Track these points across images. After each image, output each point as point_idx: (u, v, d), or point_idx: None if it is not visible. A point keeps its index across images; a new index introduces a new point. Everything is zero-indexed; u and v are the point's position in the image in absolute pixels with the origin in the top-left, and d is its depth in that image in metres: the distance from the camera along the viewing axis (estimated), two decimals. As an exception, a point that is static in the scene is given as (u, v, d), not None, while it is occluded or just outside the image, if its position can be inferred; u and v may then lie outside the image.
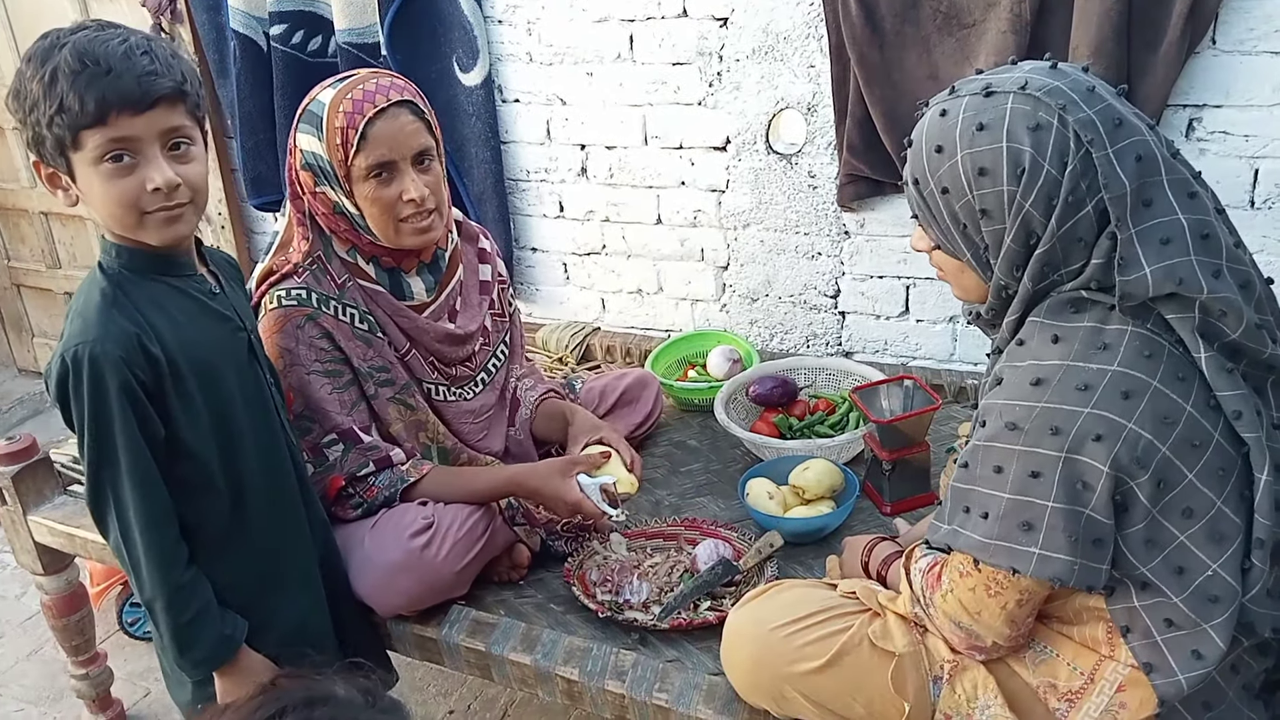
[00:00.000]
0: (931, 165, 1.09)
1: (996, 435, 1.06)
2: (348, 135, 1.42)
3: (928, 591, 1.18)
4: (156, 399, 1.19)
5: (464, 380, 1.69)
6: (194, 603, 1.25)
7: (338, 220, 1.51)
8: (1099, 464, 0.99)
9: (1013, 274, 1.09)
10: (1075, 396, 1.01)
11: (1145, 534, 1.03)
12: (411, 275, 1.59)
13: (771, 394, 2.01)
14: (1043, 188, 1.02)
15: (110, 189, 1.12)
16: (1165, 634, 1.05)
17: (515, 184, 2.57)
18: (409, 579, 1.45)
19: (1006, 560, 1.05)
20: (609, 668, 1.39)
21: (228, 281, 1.35)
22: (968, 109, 1.06)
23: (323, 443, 1.49)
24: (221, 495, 1.28)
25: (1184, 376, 1.02)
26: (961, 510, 1.11)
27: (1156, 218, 1.02)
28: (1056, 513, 1.01)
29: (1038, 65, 1.08)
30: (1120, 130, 1.02)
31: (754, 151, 2.26)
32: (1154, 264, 1.01)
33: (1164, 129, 1.89)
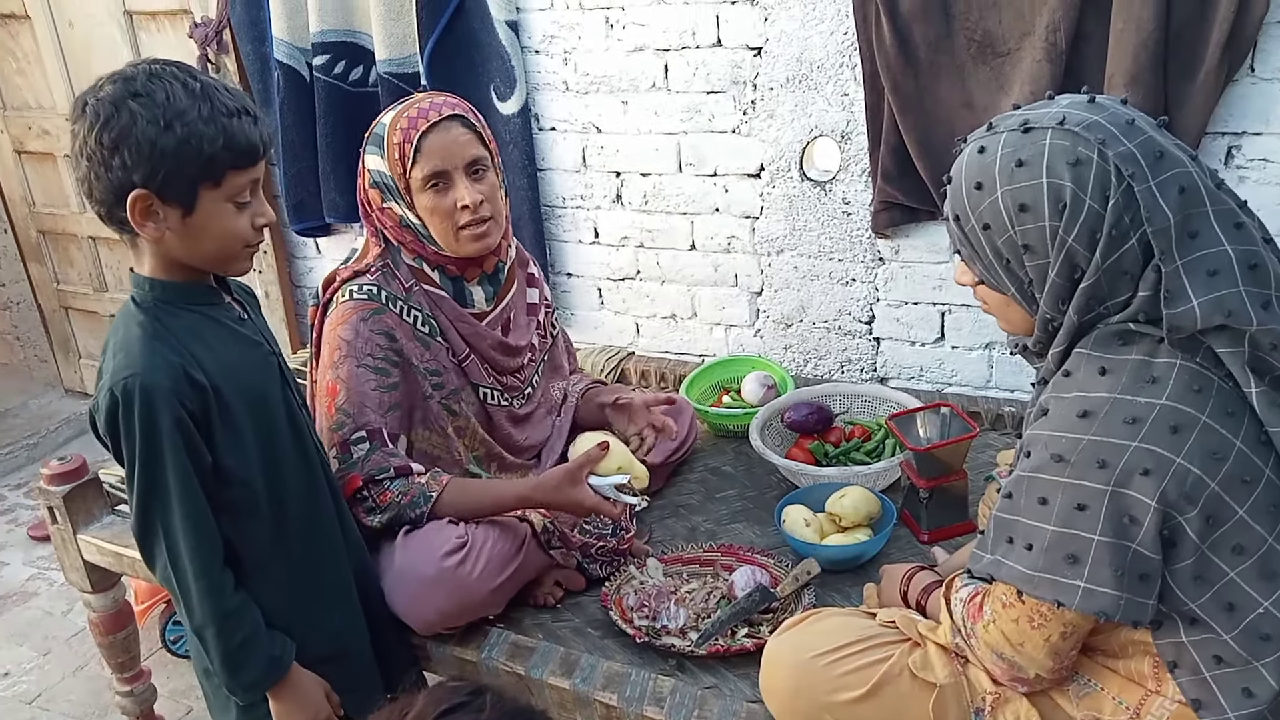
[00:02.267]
0: (972, 202, 1.09)
1: (1042, 466, 1.05)
2: (404, 150, 1.53)
3: (969, 622, 1.18)
4: (203, 427, 1.22)
5: (514, 390, 1.76)
6: (243, 627, 1.27)
7: (404, 232, 1.61)
8: (1146, 498, 0.99)
9: (1058, 307, 1.09)
10: (1123, 430, 1.01)
11: (1194, 570, 1.02)
12: (473, 285, 1.68)
13: (807, 420, 2.02)
14: (1085, 222, 1.02)
15: (233, 225, 1.21)
16: (1215, 671, 1.04)
17: (551, 210, 2.61)
18: (442, 595, 1.47)
19: (1051, 593, 1.05)
20: (647, 693, 1.39)
21: (251, 308, 1.39)
22: (1006, 145, 1.06)
23: (352, 439, 1.52)
24: (265, 518, 1.31)
25: (1234, 411, 1.01)
26: (1005, 540, 1.10)
27: (1203, 249, 1.01)
28: (1103, 546, 1.01)
29: (1075, 99, 1.08)
30: (1162, 162, 1.02)
31: (788, 178, 2.27)
32: (1202, 296, 1.00)
33: (1203, 157, 1.88)
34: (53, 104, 3.20)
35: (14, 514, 3.07)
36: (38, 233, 3.50)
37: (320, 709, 1.36)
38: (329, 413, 1.54)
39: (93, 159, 1.15)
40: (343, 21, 2.55)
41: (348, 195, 2.69)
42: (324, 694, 1.37)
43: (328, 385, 1.55)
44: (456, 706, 0.71)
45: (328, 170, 2.67)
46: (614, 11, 2.31)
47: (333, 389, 1.54)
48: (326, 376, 1.55)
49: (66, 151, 3.22)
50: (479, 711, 0.71)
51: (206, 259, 1.24)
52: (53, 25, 3.05)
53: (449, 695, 0.72)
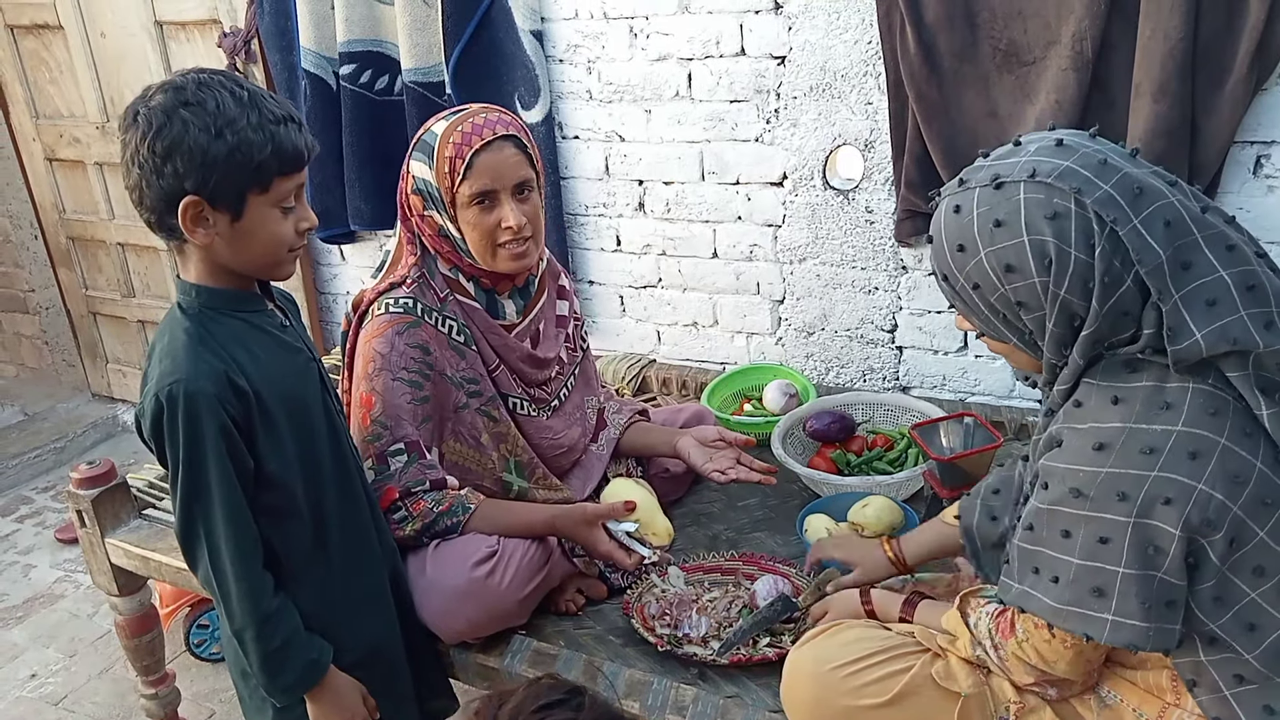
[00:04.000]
0: (957, 264, 1.09)
1: (1061, 500, 1.04)
2: (455, 164, 1.53)
3: (997, 636, 1.17)
4: (246, 433, 1.24)
5: (542, 402, 1.76)
6: (282, 630, 1.29)
7: (442, 242, 1.61)
8: (1170, 527, 0.98)
9: (1061, 353, 1.08)
10: (1140, 460, 0.99)
11: (1215, 591, 1.01)
12: (504, 298, 1.69)
13: (829, 429, 2.01)
14: (1075, 274, 1.01)
15: (279, 230, 1.23)
16: (1235, 689, 1.03)
17: (574, 218, 2.62)
18: (472, 605, 1.48)
19: (1080, 626, 1.04)
20: (669, 702, 1.39)
21: (292, 314, 1.41)
22: (981, 203, 1.05)
23: (389, 450, 1.53)
24: (304, 522, 1.32)
25: (1250, 432, 1.00)
26: (1031, 571, 1.09)
27: (1199, 279, 1.00)
28: (1128, 579, 1.00)
29: (1043, 144, 1.05)
30: (1142, 198, 1.00)
31: (811, 187, 2.27)
32: (1204, 328, 0.99)
33: (1230, 166, 1.88)
34: (84, 112, 3.25)
35: (41, 517, 3.11)
36: (67, 239, 3.55)
37: (356, 712, 1.37)
38: (364, 424, 1.54)
39: (144, 167, 1.16)
40: (369, 31, 2.57)
41: (372, 203, 2.71)
42: (361, 697, 1.39)
43: (362, 397, 1.55)
44: (555, 703, 0.72)
45: (353, 178, 2.70)
46: (638, 21, 2.32)
47: (368, 401, 1.55)
48: (361, 389, 1.56)
49: (97, 159, 3.28)
50: (577, 710, 0.72)
51: (253, 264, 1.26)
52: (85, 36, 3.10)
53: (548, 692, 0.74)
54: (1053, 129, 1.10)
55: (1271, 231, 1.89)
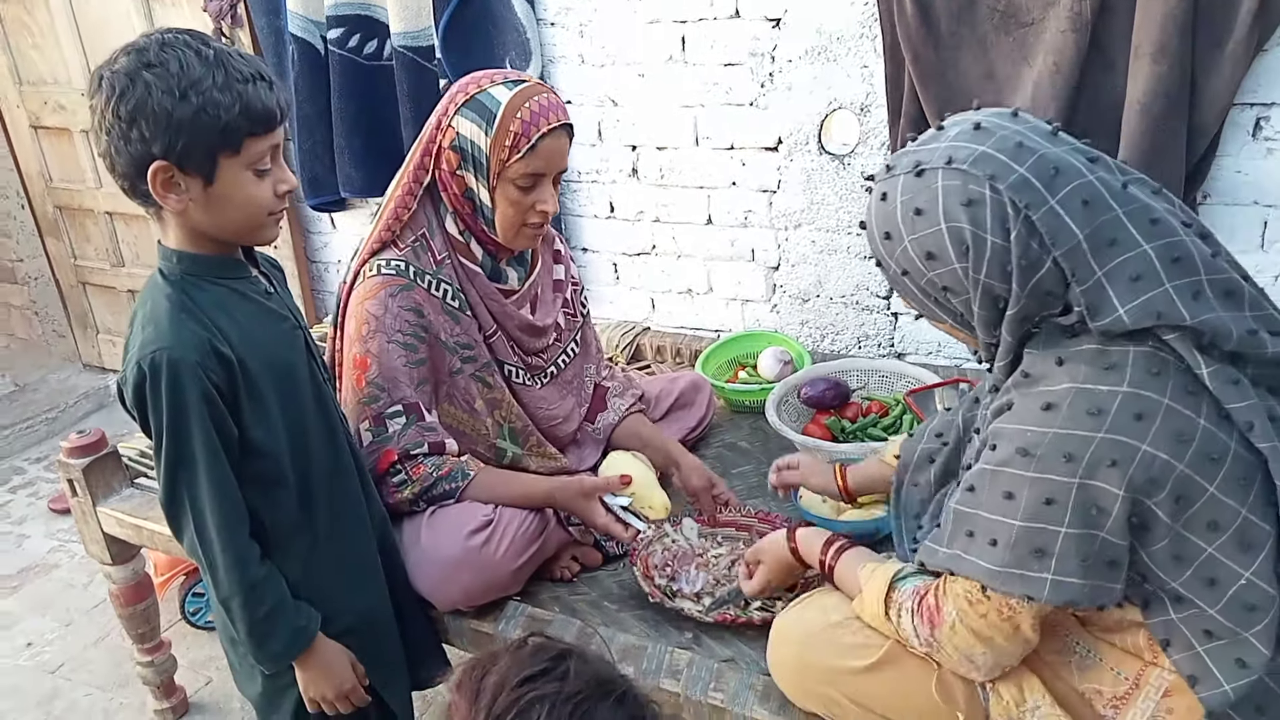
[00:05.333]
0: (886, 250, 1.11)
1: (1008, 461, 1.04)
2: (520, 141, 1.49)
3: (924, 630, 1.15)
4: (230, 400, 1.22)
5: (538, 370, 1.75)
6: (269, 598, 1.28)
7: (465, 203, 1.58)
8: (1114, 488, 0.98)
9: (991, 333, 1.10)
10: (1088, 421, 1.00)
11: (1171, 550, 1.02)
12: (505, 265, 1.67)
13: (824, 396, 2.01)
14: (992, 259, 1.02)
15: (255, 193, 1.20)
16: (1206, 645, 1.04)
17: (567, 184, 2.59)
18: (467, 574, 1.48)
19: (1020, 588, 1.04)
20: (664, 666, 1.40)
21: (277, 281, 1.38)
22: (904, 192, 1.06)
23: (387, 412, 1.52)
24: (290, 490, 1.31)
25: (1194, 391, 1.00)
26: (964, 534, 1.09)
27: (1122, 254, 1.00)
28: (1070, 538, 1.01)
29: (962, 129, 1.06)
30: (1058, 179, 1.01)
31: (806, 152, 2.25)
32: (1128, 303, 0.99)
33: (1230, 128, 1.86)
34: (68, 79, 3.20)
35: (34, 487, 3.10)
36: (55, 208, 3.51)
37: (345, 679, 1.37)
38: (358, 385, 1.53)
39: (112, 132, 1.14)
40: (357, -7, 2.53)
41: (363, 169, 2.68)
42: (349, 664, 1.39)
43: (355, 358, 1.53)
44: (539, 674, 0.70)
45: (342, 144, 2.66)
46: (630, -18, 2.28)
47: (362, 362, 1.53)
48: (354, 350, 1.54)
49: (83, 127, 3.23)
50: (561, 679, 0.69)
51: (231, 229, 1.23)
52: None
53: (531, 660, 0.71)
54: (977, 109, 1.11)
55: (1270, 193, 1.88)
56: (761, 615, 1.47)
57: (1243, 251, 1.92)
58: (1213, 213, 1.94)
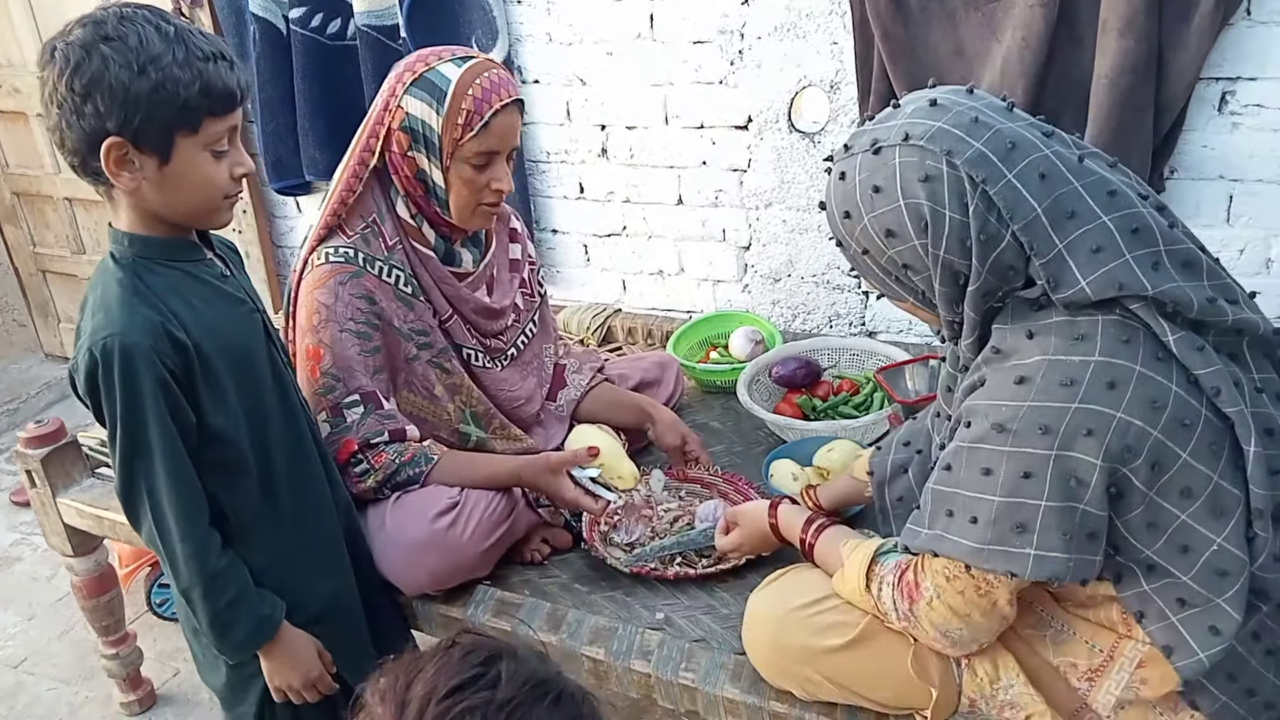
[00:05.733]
0: (846, 230, 1.11)
1: (984, 437, 1.04)
2: (472, 119, 1.46)
3: (903, 604, 1.15)
4: (186, 387, 1.19)
5: (498, 352, 1.72)
6: (230, 587, 1.25)
7: (417, 185, 1.54)
8: (1091, 458, 0.98)
9: (954, 310, 1.10)
10: (1061, 392, 1.00)
11: (1145, 518, 1.02)
12: (459, 246, 1.64)
13: (794, 375, 2.00)
14: (951, 234, 1.02)
15: (212, 174, 1.17)
16: (1180, 614, 1.05)
17: (535, 165, 2.56)
18: (434, 557, 1.46)
19: (1003, 564, 1.04)
20: (634, 647, 1.39)
21: (233, 264, 1.35)
22: (862, 170, 1.06)
23: (344, 402, 1.49)
24: (251, 476, 1.28)
25: (1162, 357, 1.01)
26: (944, 514, 1.09)
27: (1082, 226, 1.01)
28: (1050, 511, 1.00)
29: (918, 105, 1.06)
30: (1015, 153, 1.01)
31: (776, 130, 2.23)
32: (1089, 275, 1.00)
33: (1196, 103, 1.86)
34: (23, 60, 3.12)
35: (-4, 480, 3.04)
36: (12, 195, 3.43)
37: (312, 667, 1.35)
38: (313, 377, 1.50)
39: (64, 106, 1.10)
40: (318, -29, 2.47)
41: (327, 152, 2.63)
42: (316, 652, 1.36)
43: (308, 349, 1.50)
44: (469, 681, 0.65)
45: (306, 126, 2.61)
46: (597, -41, 2.25)
47: (315, 353, 1.50)
48: (306, 340, 1.51)
49: (39, 110, 3.15)
50: (493, 686, 0.65)
51: (185, 211, 1.20)
52: (20, -22, 2.97)
53: (460, 666, 0.66)
54: (932, 86, 1.11)
55: (1235, 168, 1.89)
56: (676, 572, 1.51)
57: (1208, 226, 1.94)
58: (1179, 187, 1.95)
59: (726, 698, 1.31)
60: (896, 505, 1.41)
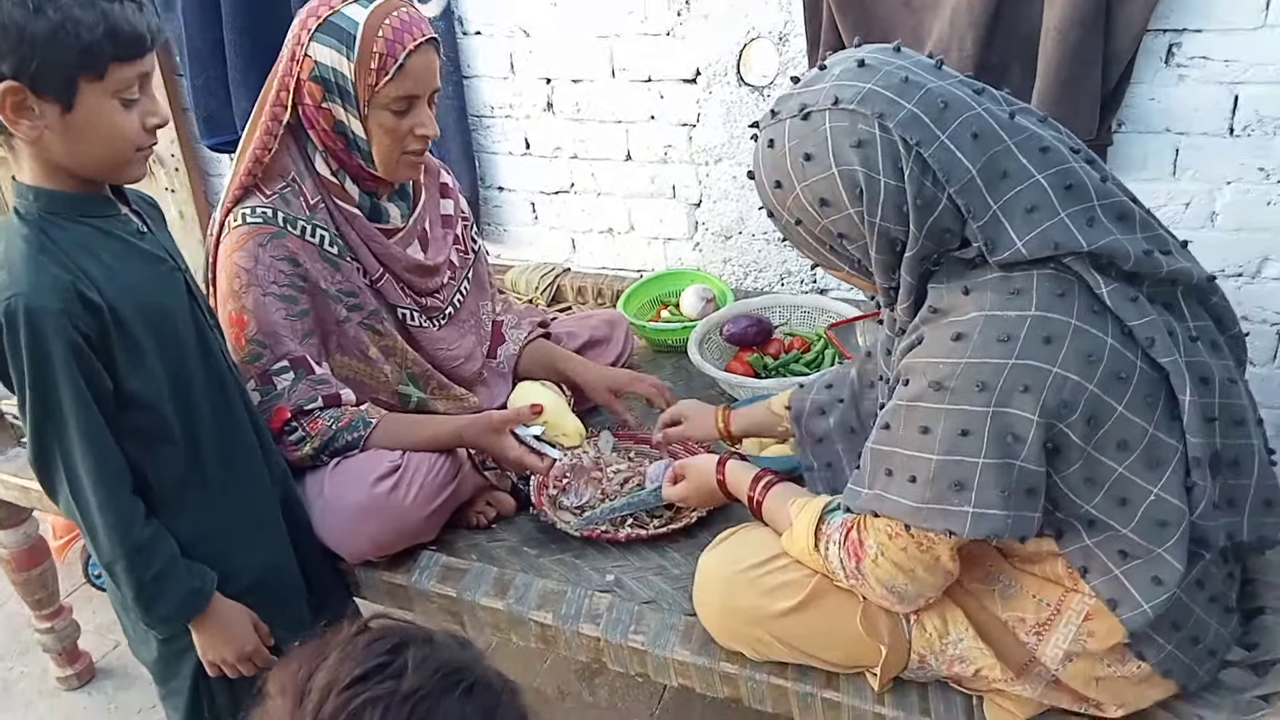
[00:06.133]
0: (778, 199, 1.07)
1: (921, 395, 1.03)
2: (386, 63, 1.39)
3: (850, 563, 1.15)
4: (101, 350, 1.13)
5: (434, 310, 1.67)
6: (156, 559, 1.20)
7: (336, 138, 1.47)
8: (1028, 414, 0.97)
9: (890, 277, 1.08)
10: (998, 348, 0.99)
11: (1083, 473, 1.02)
12: (385, 201, 1.57)
13: (746, 333, 1.98)
14: (887, 200, 1.00)
15: (121, 124, 1.10)
16: (1122, 566, 1.05)
17: (479, 120, 2.49)
18: (375, 523, 1.42)
19: (941, 523, 1.03)
20: (583, 611, 1.37)
21: (151, 220, 1.28)
22: (791, 137, 1.03)
23: (273, 369, 1.44)
24: (176, 443, 1.23)
25: (1098, 310, 1.00)
26: (884, 473, 1.08)
27: (1015, 186, 0.99)
28: (988, 469, 0.99)
29: (846, 66, 1.03)
30: (947, 113, 0.99)
31: (725, 84, 2.19)
32: (1025, 235, 0.99)
33: (1143, 55, 1.85)
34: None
35: (-78, 451, 2.92)
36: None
37: (246, 640, 1.31)
38: (239, 344, 1.44)
39: None
40: (246, -85, 2.36)
41: (262, 106, 2.53)
42: (251, 624, 1.32)
43: (231, 316, 1.44)
44: (373, 670, 0.61)
45: (238, 78, 2.50)
46: (539, -97, 2.17)
47: (238, 319, 1.43)
48: (229, 307, 1.44)
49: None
50: (398, 676, 0.61)
51: (93, 164, 1.13)
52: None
53: (365, 654, 0.62)
54: (859, 45, 1.07)
55: (1181, 121, 1.89)
56: (628, 534, 1.49)
57: (1155, 179, 1.94)
58: (1127, 141, 1.95)
59: (677, 660, 1.29)
60: (816, 446, 1.42)
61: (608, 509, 1.55)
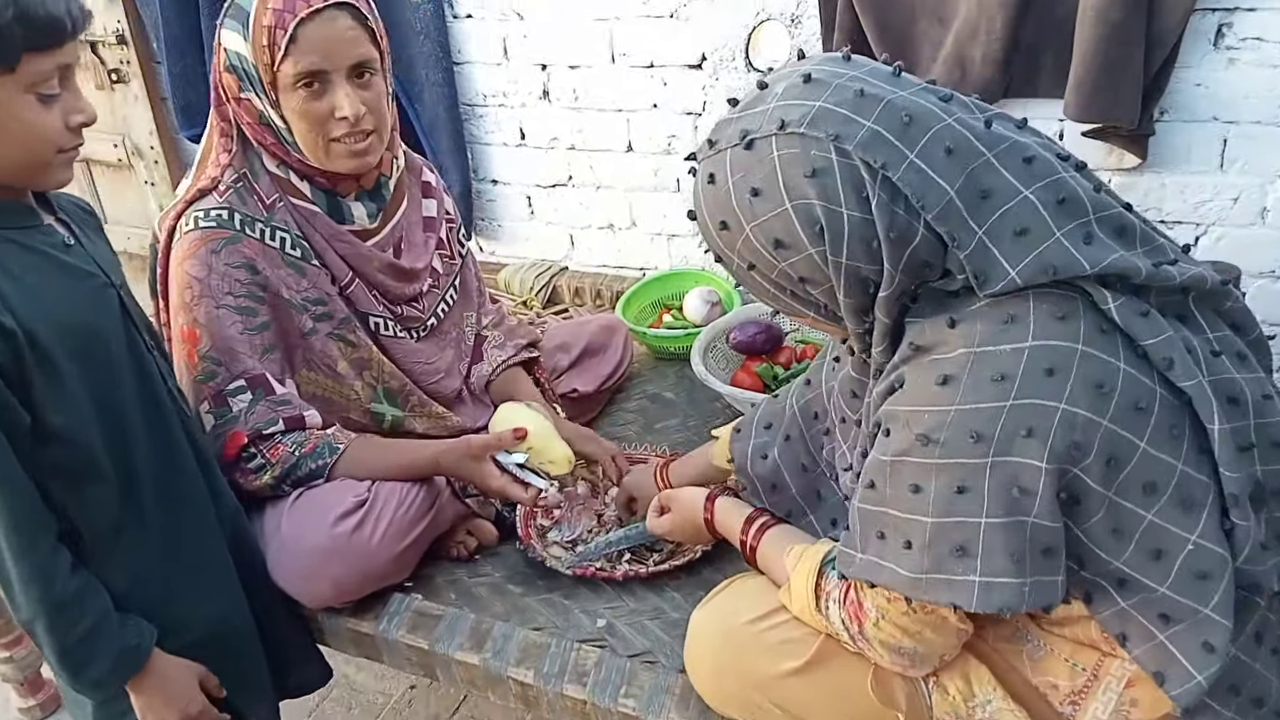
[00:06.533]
0: (725, 242, 0.92)
1: (908, 450, 0.88)
2: (275, 36, 1.24)
3: (853, 626, 1.01)
4: (16, 381, 1.00)
5: (413, 321, 1.53)
6: (84, 616, 1.07)
7: (264, 132, 1.34)
8: (1035, 461, 0.83)
9: (863, 321, 0.93)
10: (991, 389, 0.84)
11: (1108, 523, 0.87)
12: (350, 201, 1.43)
13: (754, 340, 1.84)
14: (852, 236, 0.85)
15: (38, 122, 1.00)
16: (1166, 631, 0.90)
17: (471, 109, 2.35)
18: (337, 566, 1.28)
19: (945, 595, 0.89)
20: (569, 668, 1.23)
21: (83, 231, 1.15)
22: (734, 170, 0.88)
23: (228, 389, 1.31)
24: (108, 481, 1.09)
25: (1105, 329, 0.86)
26: (876, 536, 0.93)
27: (1001, 206, 0.85)
28: (994, 529, 0.85)
29: (790, 83, 0.88)
30: (913, 127, 0.84)
31: (732, 70, 2.04)
32: (1018, 262, 0.84)
33: (1190, 37, 1.69)
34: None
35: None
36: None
37: (191, 700, 1.17)
38: (191, 362, 1.31)
39: None
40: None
41: (241, 96, 2.39)
42: (196, 681, 1.19)
43: (183, 331, 1.31)
44: None
45: (216, 67, 2.37)
46: (531, -125, 2.02)
47: (190, 334, 1.30)
48: (180, 320, 1.32)
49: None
50: None
51: (10, 167, 1.01)
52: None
53: None
54: (801, 58, 0.93)
55: (1230, 108, 1.73)
56: (624, 572, 1.37)
57: (1200, 172, 1.79)
58: (1170, 130, 1.79)
59: (671, 726, 1.16)
60: (773, 495, 1.27)
61: (603, 543, 1.41)
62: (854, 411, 1.11)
